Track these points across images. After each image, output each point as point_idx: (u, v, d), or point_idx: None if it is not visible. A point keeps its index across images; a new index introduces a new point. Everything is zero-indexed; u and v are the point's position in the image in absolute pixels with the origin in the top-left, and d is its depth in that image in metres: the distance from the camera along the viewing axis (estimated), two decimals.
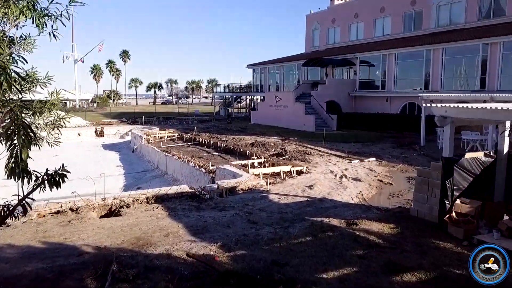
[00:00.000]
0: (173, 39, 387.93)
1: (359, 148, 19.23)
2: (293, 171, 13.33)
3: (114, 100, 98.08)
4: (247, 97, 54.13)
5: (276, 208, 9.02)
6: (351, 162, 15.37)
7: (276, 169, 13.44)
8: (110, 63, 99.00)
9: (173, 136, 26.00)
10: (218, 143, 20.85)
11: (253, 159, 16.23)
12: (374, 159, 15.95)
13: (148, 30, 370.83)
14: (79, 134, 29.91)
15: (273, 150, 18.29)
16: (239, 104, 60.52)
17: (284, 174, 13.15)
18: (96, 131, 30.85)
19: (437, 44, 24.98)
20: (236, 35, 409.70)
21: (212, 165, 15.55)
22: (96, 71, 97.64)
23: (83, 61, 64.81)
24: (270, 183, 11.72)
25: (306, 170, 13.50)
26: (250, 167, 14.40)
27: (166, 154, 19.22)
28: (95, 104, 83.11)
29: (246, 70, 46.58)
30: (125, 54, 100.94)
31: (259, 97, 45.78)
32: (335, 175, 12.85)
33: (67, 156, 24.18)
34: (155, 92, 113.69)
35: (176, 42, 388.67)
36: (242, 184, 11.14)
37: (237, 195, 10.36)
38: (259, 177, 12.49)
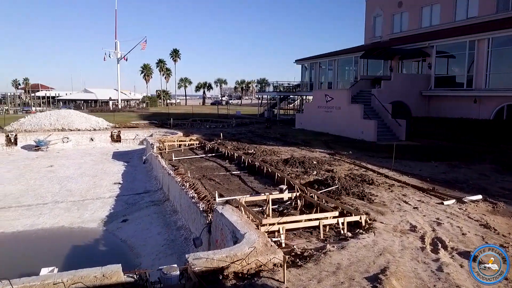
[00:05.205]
0: (224, 37, 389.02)
1: (446, 173, 12.85)
2: (343, 223, 7.54)
3: (164, 100, 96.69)
4: (298, 97, 48.42)
5: None
6: (442, 203, 9.22)
7: (311, 219, 7.72)
8: (160, 62, 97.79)
9: (194, 144, 20.97)
10: (243, 157, 15.44)
11: (282, 187, 10.64)
12: (480, 197, 9.65)
13: (198, 28, 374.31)
14: (91, 139, 25.91)
15: (315, 173, 12.49)
16: (288, 105, 55.03)
17: (326, 229, 7.43)
18: (112, 136, 26.72)
19: None
20: (290, 31, 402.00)
21: (219, 196, 10.22)
22: (146, 71, 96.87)
23: (126, 59, 62.74)
24: (294, 257, 6.10)
25: (365, 223, 7.65)
26: (268, 210, 8.83)
27: (170, 172, 14.15)
28: (144, 104, 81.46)
29: (299, 68, 40.75)
30: (175, 53, 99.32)
31: (310, 97, 39.89)
32: (422, 239, 6.88)
33: (63, 167, 20.10)
34: (204, 92, 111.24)
35: (228, 41, 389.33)
36: (237, 264, 5.63)
37: None
38: (279, 236, 6.92)
